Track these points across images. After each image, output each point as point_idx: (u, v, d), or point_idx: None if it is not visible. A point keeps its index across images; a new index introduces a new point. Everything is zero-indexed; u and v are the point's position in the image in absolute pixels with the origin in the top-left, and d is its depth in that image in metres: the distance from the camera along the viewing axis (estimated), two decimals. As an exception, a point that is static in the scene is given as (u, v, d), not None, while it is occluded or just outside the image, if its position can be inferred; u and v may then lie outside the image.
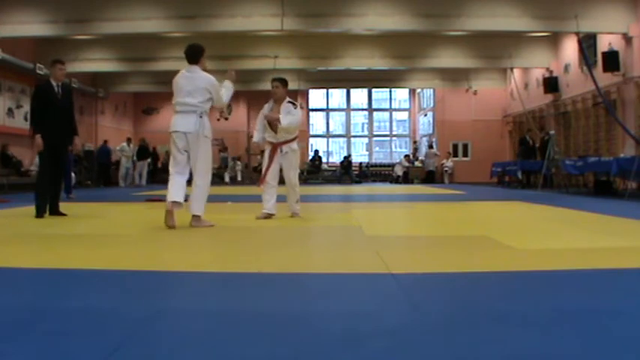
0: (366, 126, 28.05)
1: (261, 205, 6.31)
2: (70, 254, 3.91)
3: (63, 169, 7.00)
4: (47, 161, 6.66)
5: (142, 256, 3.84)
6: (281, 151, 6.32)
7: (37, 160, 15.81)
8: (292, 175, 6.45)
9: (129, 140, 20.33)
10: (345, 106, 27.95)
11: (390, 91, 27.59)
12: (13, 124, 16.73)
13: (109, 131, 22.82)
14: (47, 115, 6.58)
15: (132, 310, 2.40)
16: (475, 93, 23.37)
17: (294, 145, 6.47)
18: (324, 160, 26.13)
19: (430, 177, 23.19)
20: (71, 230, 5.52)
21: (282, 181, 6.38)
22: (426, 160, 23.63)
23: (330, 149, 27.78)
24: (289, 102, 6.39)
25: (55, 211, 6.78)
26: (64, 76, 6.94)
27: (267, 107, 6.44)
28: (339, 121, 28.19)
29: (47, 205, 6.68)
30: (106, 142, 20.79)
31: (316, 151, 25.87)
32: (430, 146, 23.74)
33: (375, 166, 26.90)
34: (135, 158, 19.88)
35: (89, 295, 2.71)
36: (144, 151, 19.99)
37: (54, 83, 6.75)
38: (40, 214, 6.57)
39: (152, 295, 2.76)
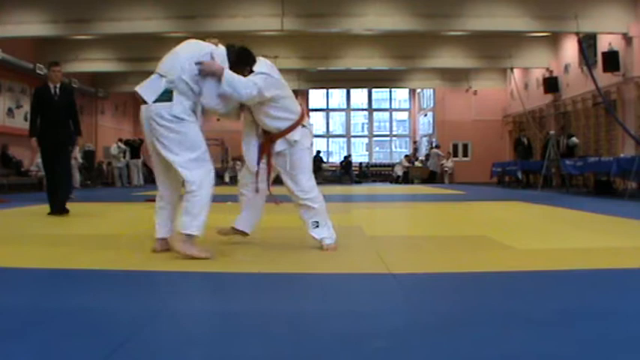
0: (366, 126, 28.03)
1: (264, 207, 5.58)
2: (70, 254, 3.91)
3: (63, 168, 7.10)
4: (46, 161, 6.91)
5: (141, 256, 3.84)
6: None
7: (39, 161, 15.87)
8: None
9: (120, 141, 20.27)
10: (345, 106, 27.94)
11: (390, 91, 27.57)
12: (13, 124, 16.71)
13: (109, 131, 22.80)
14: (43, 117, 6.79)
15: (132, 310, 2.40)
16: (475, 93, 23.35)
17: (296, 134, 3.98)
18: (324, 160, 26.10)
19: (432, 177, 23.13)
20: (71, 230, 5.52)
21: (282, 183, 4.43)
22: (430, 160, 23.55)
23: (330, 149, 27.76)
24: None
25: (59, 210, 6.84)
26: (61, 77, 7.08)
27: None
28: (339, 121, 28.18)
29: (54, 204, 6.89)
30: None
31: (318, 152, 25.80)
32: (437, 146, 23.63)
33: (375, 166, 26.88)
34: (128, 158, 19.83)
35: (89, 295, 2.71)
36: (133, 151, 19.91)
37: (51, 85, 6.94)
38: (50, 211, 6.84)
39: (152, 295, 2.76)
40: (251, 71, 3.81)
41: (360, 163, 26.28)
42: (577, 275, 3.16)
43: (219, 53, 3.75)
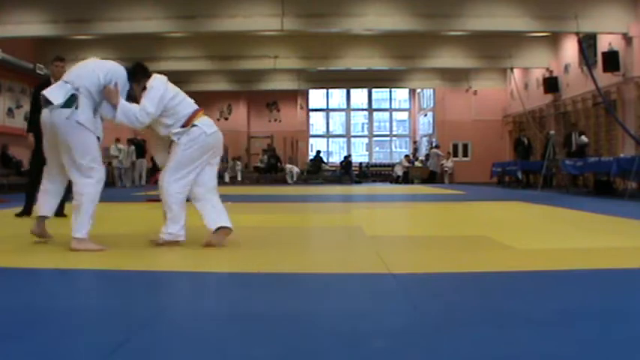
0: (366, 126, 28.03)
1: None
2: (70, 254, 3.91)
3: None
4: (36, 160, 6.45)
5: (141, 256, 3.84)
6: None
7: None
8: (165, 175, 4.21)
9: (117, 141, 20.17)
10: (345, 106, 27.94)
11: (390, 91, 27.56)
12: (13, 124, 16.71)
13: (108, 132, 22.51)
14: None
15: (132, 310, 2.40)
16: (475, 93, 23.35)
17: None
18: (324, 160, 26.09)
19: (432, 177, 23.11)
20: (71, 230, 5.50)
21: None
22: (430, 160, 23.53)
23: (330, 149, 27.75)
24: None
25: (58, 212, 6.59)
26: (64, 73, 6.88)
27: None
28: (339, 121, 28.18)
29: (32, 207, 6.39)
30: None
31: (318, 152, 25.80)
32: (437, 146, 23.58)
33: (375, 166, 26.87)
34: (133, 158, 19.78)
35: (89, 295, 2.71)
36: (137, 150, 19.86)
37: (53, 81, 6.67)
38: (22, 213, 6.51)
39: (152, 295, 2.76)
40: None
41: (360, 163, 26.28)
42: (577, 275, 3.16)
43: (122, 80, 4.07)
